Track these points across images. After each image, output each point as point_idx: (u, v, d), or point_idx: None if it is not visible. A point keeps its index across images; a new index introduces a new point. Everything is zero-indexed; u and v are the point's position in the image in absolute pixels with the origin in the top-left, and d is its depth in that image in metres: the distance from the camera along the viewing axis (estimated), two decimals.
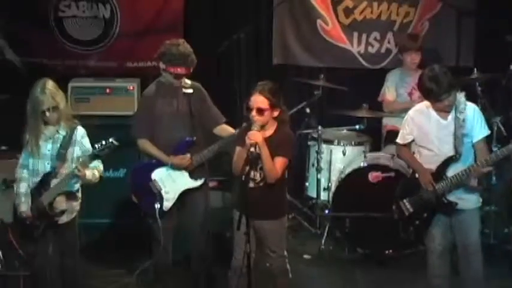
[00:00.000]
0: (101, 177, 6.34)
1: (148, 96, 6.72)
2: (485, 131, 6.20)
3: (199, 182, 6.60)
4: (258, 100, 5.83)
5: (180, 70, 6.47)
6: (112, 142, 6.08)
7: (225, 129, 6.63)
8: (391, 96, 8.16)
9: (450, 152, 6.11)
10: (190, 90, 6.53)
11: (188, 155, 6.47)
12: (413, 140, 6.28)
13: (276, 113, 5.89)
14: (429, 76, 5.99)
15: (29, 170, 6.35)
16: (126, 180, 6.96)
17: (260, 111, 5.83)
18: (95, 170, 6.26)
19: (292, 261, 6.24)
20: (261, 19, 8.98)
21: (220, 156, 6.58)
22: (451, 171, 6.11)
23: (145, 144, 6.57)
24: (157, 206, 6.47)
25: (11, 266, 7.16)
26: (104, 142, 6.10)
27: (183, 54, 6.47)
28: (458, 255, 6.27)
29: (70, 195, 6.33)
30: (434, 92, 5.95)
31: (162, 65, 6.54)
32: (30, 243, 6.50)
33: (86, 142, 6.33)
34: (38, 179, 6.30)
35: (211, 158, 6.59)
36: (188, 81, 6.54)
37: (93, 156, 6.15)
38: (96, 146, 6.14)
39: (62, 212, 6.28)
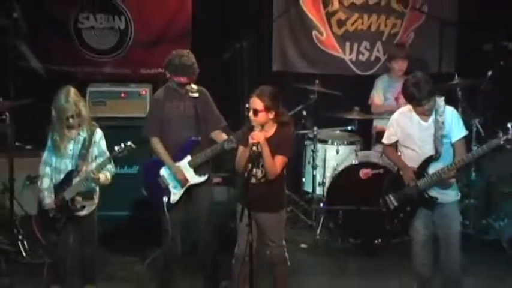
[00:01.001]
0: (112, 177, 6.40)
1: (157, 99, 6.75)
2: (463, 132, 6.21)
3: (203, 178, 6.60)
4: (254, 102, 5.86)
5: (182, 79, 6.49)
6: (130, 145, 6.17)
7: (220, 135, 6.60)
8: (378, 100, 8.13)
9: (431, 152, 6.13)
10: (196, 94, 6.54)
11: (188, 160, 6.51)
12: (397, 141, 6.31)
13: (271, 115, 5.89)
14: (412, 82, 6.02)
15: (52, 167, 6.40)
16: (139, 176, 6.95)
17: (255, 112, 5.85)
18: (107, 173, 6.31)
19: (289, 250, 6.23)
20: (262, 30, 9.02)
21: (224, 154, 6.58)
22: (432, 169, 6.13)
23: (155, 143, 6.58)
24: (165, 199, 6.47)
25: (35, 254, 7.18)
26: (122, 145, 6.17)
27: (185, 65, 6.49)
28: (440, 244, 6.29)
29: (89, 193, 6.38)
30: (416, 97, 5.98)
31: (167, 74, 6.58)
32: (52, 233, 6.53)
33: (103, 144, 6.39)
34: (61, 176, 6.36)
35: (215, 157, 6.60)
36: (194, 86, 6.55)
37: (112, 158, 6.22)
38: (116, 148, 6.21)
39: (83, 207, 6.32)
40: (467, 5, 8.66)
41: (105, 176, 6.31)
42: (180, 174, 6.52)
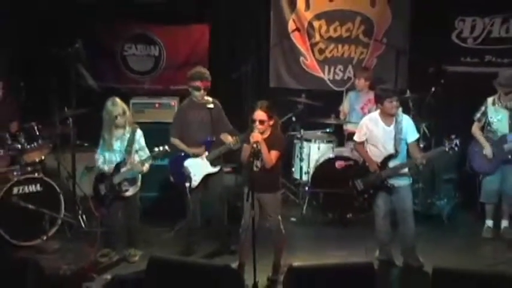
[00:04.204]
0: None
1: (181, 108, 6.78)
2: (416, 135, 6.31)
3: (217, 168, 6.61)
4: (260, 114, 5.84)
5: (197, 83, 6.52)
6: (166, 148, 6.24)
7: (226, 137, 6.57)
8: (347, 108, 8.13)
9: (391, 150, 6.16)
10: (211, 105, 6.54)
11: (203, 148, 6.50)
12: (366, 139, 6.30)
13: (271, 122, 5.89)
14: (382, 88, 6.24)
15: (104, 159, 6.44)
16: (168, 166, 6.94)
17: (262, 122, 5.83)
18: (147, 164, 6.38)
19: (282, 223, 6.20)
20: (261, 56, 8.96)
21: (233, 151, 6.56)
22: (392, 164, 6.15)
23: (175, 141, 6.60)
24: (187, 184, 6.47)
25: (91, 225, 7.18)
26: (161, 148, 6.22)
27: (198, 72, 6.54)
28: (397, 218, 6.29)
29: (133, 179, 6.42)
30: (387, 95, 6.08)
31: (187, 83, 6.57)
32: (104, 209, 6.55)
33: (142, 141, 6.43)
34: (112, 165, 6.41)
35: (225, 153, 6.60)
36: (210, 99, 6.56)
37: (152, 157, 6.30)
38: (156, 149, 6.25)
39: (126, 190, 6.38)
40: (416, 38, 8.63)
41: (146, 167, 6.36)
42: (196, 151, 6.51)
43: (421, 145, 7.23)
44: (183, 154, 6.59)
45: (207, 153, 6.54)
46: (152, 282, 4.57)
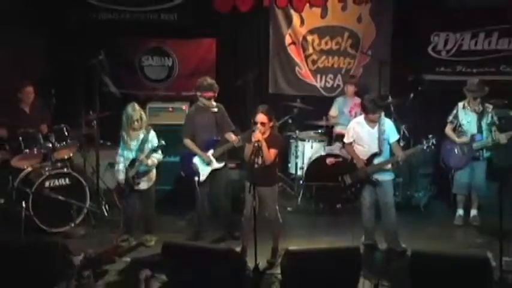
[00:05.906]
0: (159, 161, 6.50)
1: (190, 112, 6.77)
2: (397, 136, 6.32)
3: (221, 164, 6.59)
4: (261, 117, 5.82)
5: (210, 94, 6.50)
6: (162, 143, 6.31)
7: (230, 136, 6.57)
8: (334, 113, 8.16)
9: (376, 149, 6.15)
10: (216, 109, 6.54)
11: (211, 152, 6.49)
12: (354, 140, 6.30)
13: (271, 124, 5.89)
14: (369, 99, 6.15)
15: (124, 157, 6.43)
16: (180, 163, 6.93)
17: (263, 124, 5.82)
18: (154, 159, 6.36)
19: (280, 212, 6.20)
20: (262, 65, 8.94)
21: (236, 148, 6.55)
22: (376, 161, 6.15)
23: (188, 143, 6.58)
24: (196, 178, 6.47)
25: (113, 214, 7.17)
26: (158, 142, 6.30)
27: (210, 84, 6.50)
28: (380, 209, 6.27)
29: (145, 173, 6.40)
30: (371, 108, 6.05)
31: (198, 93, 6.57)
32: (124, 200, 6.53)
33: (155, 141, 6.44)
34: (128, 162, 6.35)
35: (229, 150, 6.59)
36: (214, 103, 6.56)
37: (153, 151, 6.31)
38: (155, 144, 6.33)
39: (139, 183, 6.37)
40: (397, 50, 8.63)
41: (152, 161, 6.35)
42: (207, 157, 6.50)
43: (401, 144, 7.20)
44: (193, 153, 6.57)
45: (212, 151, 6.54)
46: (167, 264, 4.60)
